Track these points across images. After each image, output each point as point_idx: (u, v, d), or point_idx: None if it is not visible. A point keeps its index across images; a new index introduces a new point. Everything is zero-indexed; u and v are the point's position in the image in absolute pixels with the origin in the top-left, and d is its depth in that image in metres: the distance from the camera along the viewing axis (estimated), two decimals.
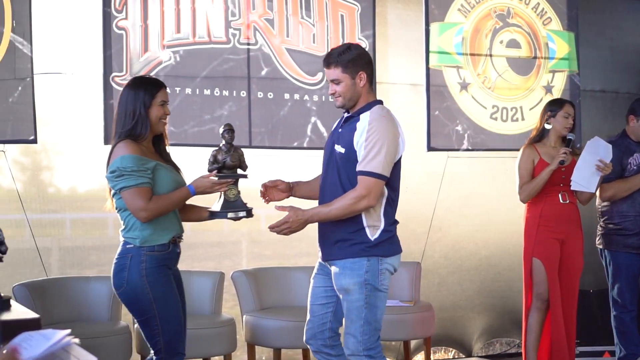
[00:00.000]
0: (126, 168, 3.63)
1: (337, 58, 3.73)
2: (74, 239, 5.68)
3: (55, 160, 5.63)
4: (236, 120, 5.69)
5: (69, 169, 5.63)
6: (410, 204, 6.35)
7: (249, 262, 6.06)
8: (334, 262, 3.75)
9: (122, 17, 5.47)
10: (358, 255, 3.69)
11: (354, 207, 3.62)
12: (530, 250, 5.20)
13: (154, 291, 3.69)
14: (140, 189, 3.64)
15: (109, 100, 5.42)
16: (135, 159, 3.65)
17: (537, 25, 6.68)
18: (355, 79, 3.72)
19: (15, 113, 5.19)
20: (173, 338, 3.76)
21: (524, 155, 5.23)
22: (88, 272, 5.54)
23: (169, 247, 3.77)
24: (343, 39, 5.99)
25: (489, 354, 6.61)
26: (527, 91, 6.63)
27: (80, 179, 5.74)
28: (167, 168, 3.81)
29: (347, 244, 3.70)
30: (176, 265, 3.89)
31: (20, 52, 5.19)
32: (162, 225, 3.74)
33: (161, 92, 3.82)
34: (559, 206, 5.18)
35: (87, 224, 5.83)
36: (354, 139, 3.66)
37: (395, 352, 6.23)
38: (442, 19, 6.37)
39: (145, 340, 3.82)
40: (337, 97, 3.75)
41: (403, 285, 5.87)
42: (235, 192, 3.75)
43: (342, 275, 3.70)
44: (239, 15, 5.76)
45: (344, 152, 3.70)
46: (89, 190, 5.83)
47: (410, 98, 6.37)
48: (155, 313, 3.70)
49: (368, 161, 3.61)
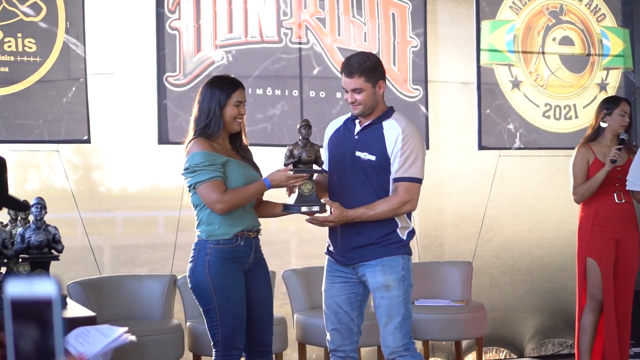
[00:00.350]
0: (198, 164, 3.72)
1: (359, 67, 3.78)
2: (125, 238, 5.74)
3: (106, 160, 5.68)
4: (288, 119, 5.71)
5: (120, 169, 5.69)
6: (461, 204, 6.33)
7: (298, 261, 6.06)
8: (367, 262, 3.82)
9: (175, 18, 5.51)
10: (394, 253, 3.81)
11: (397, 211, 3.79)
12: (585, 250, 5.13)
13: (215, 284, 3.76)
14: (214, 182, 3.72)
15: (162, 100, 5.47)
16: (205, 154, 3.74)
17: (591, 21, 6.59)
18: (375, 87, 3.81)
19: (70, 113, 5.27)
20: (231, 332, 3.80)
21: (578, 154, 5.15)
22: (139, 270, 5.60)
23: (236, 241, 3.81)
24: (394, 37, 5.98)
25: (541, 355, 6.54)
26: (581, 89, 6.55)
27: (132, 178, 5.79)
28: (238, 164, 3.86)
29: (382, 244, 3.81)
30: (249, 260, 3.88)
31: (74, 53, 5.26)
32: (229, 220, 3.80)
33: (237, 92, 3.88)
34: (614, 206, 5.10)
35: (138, 222, 5.89)
36: (387, 148, 3.78)
37: (446, 352, 6.20)
38: (494, 16, 6.31)
39: (207, 332, 3.88)
40: (357, 105, 3.81)
41: (455, 285, 5.84)
42: (309, 187, 3.78)
43: (381, 272, 3.80)
44: (291, 14, 5.77)
45: (374, 160, 3.79)
46: (140, 190, 5.89)
47: (461, 96, 6.33)
48: (215, 305, 3.77)
49: (407, 167, 3.77)
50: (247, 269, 3.89)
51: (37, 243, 3.41)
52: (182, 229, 5.58)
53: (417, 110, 6.05)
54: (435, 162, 6.20)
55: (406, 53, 6.02)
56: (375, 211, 3.76)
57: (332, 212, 3.75)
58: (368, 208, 3.77)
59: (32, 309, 1.17)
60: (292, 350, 5.69)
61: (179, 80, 5.52)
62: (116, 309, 5.21)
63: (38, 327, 1.15)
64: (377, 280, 3.80)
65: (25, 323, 1.17)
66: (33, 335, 1.16)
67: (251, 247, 3.89)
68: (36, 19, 5.21)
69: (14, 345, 1.17)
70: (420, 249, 6.18)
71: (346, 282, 3.93)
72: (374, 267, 3.81)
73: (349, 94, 3.80)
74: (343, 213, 3.73)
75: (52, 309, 1.17)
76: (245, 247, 3.86)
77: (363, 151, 3.82)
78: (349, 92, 3.80)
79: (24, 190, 5.26)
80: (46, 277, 1.21)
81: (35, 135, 5.23)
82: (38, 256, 3.46)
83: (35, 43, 5.21)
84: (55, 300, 1.18)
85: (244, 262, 3.87)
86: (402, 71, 6.01)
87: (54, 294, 1.18)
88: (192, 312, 5.17)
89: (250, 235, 3.87)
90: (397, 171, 3.78)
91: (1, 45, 5.14)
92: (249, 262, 3.89)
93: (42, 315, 1.16)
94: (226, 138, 3.93)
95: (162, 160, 5.61)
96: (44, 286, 1.18)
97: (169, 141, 5.51)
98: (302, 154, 3.76)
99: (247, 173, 3.88)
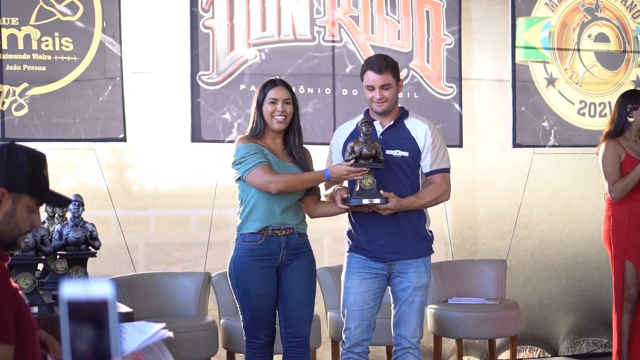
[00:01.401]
0: (243, 156, 3.92)
1: (388, 64, 3.98)
2: (158, 236, 5.78)
3: (139, 158, 5.72)
4: (321, 117, 5.71)
5: (153, 167, 5.72)
6: (495, 202, 6.30)
7: (330, 259, 6.07)
8: (412, 261, 4.02)
9: (209, 17, 5.53)
10: (429, 253, 4.10)
11: (440, 199, 4.08)
12: (622, 252, 5.03)
13: (237, 278, 4.00)
14: (260, 167, 3.89)
15: (195, 98, 5.49)
16: (247, 146, 3.95)
17: (627, 18, 6.53)
18: (398, 84, 4.03)
19: (106, 112, 5.31)
20: (251, 323, 4.03)
21: (608, 150, 5.02)
22: (173, 268, 5.63)
23: (260, 238, 3.95)
24: (428, 35, 5.96)
25: (575, 354, 6.49)
26: (616, 86, 6.48)
27: (165, 177, 5.82)
28: (275, 160, 3.98)
29: (420, 241, 4.05)
30: (280, 257, 4.01)
31: (110, 52, 5.30)
32: (254, 216, 3.96)
33: (272, 90, 4.02)
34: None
35: (172, 221, 5.92)
36: (419, 144, 4.01)
37: (480, 351, 6.17)
38: (529, 13, 6.27)
39: (241, 330, 4.13)
40: (383, 102, 3.97)
41: (489, 283, 5.82)
42: (370, 181, 3.87)
43: (425, 273, 4.05)
44: (324, 12, 5.77)
45: (408, 155, 4.00)
46: (173, 188, 5.92)
47: (495, 94, 6.29)
48: (238, 297, 4.03)
49: (441, 159, 4.04)
50: (279, 265, 4.03)
51: (75, 240, 3.43)
52: (214, 228, 5.61)
53: (450, 108, 6.02)
54: (469, 160, 6.17)
55: (440, 51, 6.00)
56: (424, 200, 4.00)
57: (390, 200, 3.87)
58: (418, 197, 3.99)
59: (88, 310, 1.18)
60: (325, 347, 5.70)
61: (212, 78, 5.53)
62: (151, 306, 5.24)
63: (94, 327, 1.17)
64: (421, 280, 4.04)
65: (81, 324, 1.18)
66: (89, 336, 1.17)
67: (280, 245, 3.99)
68: (73, 19, 5.25)
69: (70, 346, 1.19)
70: (453, 246, 6.16)
71: (375, 277, 4.05)
72: (419, 267, 4.03)
73: (377, 91, 3.95)
74: (399, 201, 3.90)
75: (108, 310, 1.18)
76: (274, 245, 3.99)
77: (394, 149, 4.00)
78: (377, 89, 3.95)
79: (59, 189, 5.26)
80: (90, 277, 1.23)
81: (71, 134, 5.28)
82: (76, 253, 3.49)
83: (72, 42, 5.25)
84: (111, 302, 1.19)
85: (273, 259, 4.00)
86: (435, 69, 5.99)
87: (110, 296, 1.20)
88: (226, 309, 5.19)
89: (277, 233, 3.98)
90: (432, 164, 4.03)
91: (39, 44, 5.19)
92: (280, 259, 4.01)
93: (98, 316, 1.17)
94: (277, 138, 4.08)
95: (195, 158, 5.64)
96: (100, 288, 1.19)
97: (202, 139, 5.53)
98: (363, 149, 3.84)
99: (282, 171, 3.96)
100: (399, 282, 4.04)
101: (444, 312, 5.47)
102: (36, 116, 5.20)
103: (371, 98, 3.98)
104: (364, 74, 4.00)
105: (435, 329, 5.51)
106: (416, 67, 5.93)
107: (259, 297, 3.99)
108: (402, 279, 4.03)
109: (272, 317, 4.07)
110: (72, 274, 3.49)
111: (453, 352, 6.04)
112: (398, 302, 4.06)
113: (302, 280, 4.07)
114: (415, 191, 4.01)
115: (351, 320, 4.06)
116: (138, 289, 5.22)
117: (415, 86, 5.93)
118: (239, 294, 4.01)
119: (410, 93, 5.88)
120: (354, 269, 4.07)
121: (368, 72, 3.97)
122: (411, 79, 5.91)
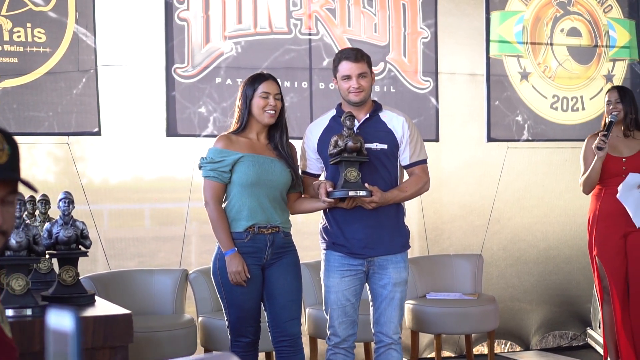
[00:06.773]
0: (207, 160, 3.91)
1: (363, 54, 3.99)
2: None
3: (114, 152, 5.57)
4: (297, 111, 5.64)
5: (128, 161, 5.58)
6: (469, 196, 6.29)
7: (305, 255, 5.98)
8: (391, 256, 4.01)
9: (184, 8, 5.42)
10: (407, 248, 4.09)
11: (421, 190, 4.09)
12: (591, 247, 5.16)
13: (222, 277, 3.91)
14: (208, 182, 3.92)
15: (171, 92, 5.38)
16: (217, 151, 3.90)
17: (598, 13, 6.57)
18: (372, 74, 4.03)
19: (80, 105, 5.17)
20: (237, 322, 3.96)
21: (587, 145, 5.13)
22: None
23: (246, 236, 3.90)
24: (405, 28, 5.92)
25: (547, 347, 6.52)
26: (588, 80, 6.52)
27: (140, 171, 5.69)
28: (255, 158, 3.92)
29: (399, 236, 4.04)
30: (265, 255, 3.96)
31: (83, 43, 5.17)
32: (240, 214, 3.91)
33: (264, 83, 3.96)
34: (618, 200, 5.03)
35: (153, 214, 5.80)
36: (396, 136, 4.00)
37: (453, 346, 6.16)
38: (503, 7, 6.27)
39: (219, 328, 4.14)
40: (360, 92, 3.96)
41: (465, 277, 5.80)
42: (355, 174, 3.86)
43: (404, 268, 4.04)
44: (301, 5, 5.69)
45: (387, 148, 3.98)
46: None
47: (469, 88, 6.27)
48: (223, 295, 3.96)
49: (419, 151, 4.06)
50: (264, 263, 3.98)
51: (66, 239, 3.32)
52: (190, 221, 5.52)
53: (427, 102, 5.99)
54: (443, 154, 6.15)
55: (417, 44, 5.96)
56: (407, 192, 4.01)
57: (374, 194, 3.85)
58: (400, 190, 4.00)
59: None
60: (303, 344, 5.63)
61: (187, 71, 5.43)
62: (127, 304, 5.11)
63: None
64: (401, 275, 4.02)
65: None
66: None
67: (266, 243, 3.94)
68: (46, 9, 5.10)
69: None
70: (428, 241, 6.14)
71: (355, 274, 4.02)
72: (398, 263, 4.02)
73: (354, 80, 3.93)
74: (383, 195, 3.88)
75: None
76: (259, 243, 3.94)
77: (372, 142, 3.97)
78: (354, 77, 3.93)
79: (33, 183, 5.14)
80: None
81: (45, 128, 5.13)
82: (67, 252, 3.37)
83: (45, 33, 5.11)
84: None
85: (259, 257, 3.95)
86: (412, 62, 5.95)
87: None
88: (204, 306, 5.11)
89: (263, 231, 3.93)
90: (412, 156, 4.04)
91: (10, 35, 5.03)
92: (266, 257, 3.96)
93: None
94: (261, 132, 4.01)
95: (171, 152, 5.53)
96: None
97: (177, 133, 5.43)
98: (349, 142, 3.82)
99: (265, 168, 3.92)
100: (378, 278, 4.02)
101: (422, 308, 5.43)
102: (8, 109, 5.05)
103: (348, 88, 3.95)
104: (339, 65, 3.98)
105: (414, 325, 5.47)
106: (393, 61, 5.88)
107: (247, 294, 3.94)
108: (381, 275, 4.01)
109: (257, 314, 4.02)
110: (62, 274, 3.37)
111: (427, 347, 6.02)
112: (378, 299, 4.04)
113: (288, 277, 4.02)
114: (394, 184, 4.02)
115: (334, 317, 4.04)
116: (114, 286, 5.09)
117: (392, 80, 5.89)
118: (225, 293, 3.95)
119: (387, 87, 5.84)
120: (333, 267, 4.03)
121: (343, 62, 3.95)
122: (388, 72, 5.87)
